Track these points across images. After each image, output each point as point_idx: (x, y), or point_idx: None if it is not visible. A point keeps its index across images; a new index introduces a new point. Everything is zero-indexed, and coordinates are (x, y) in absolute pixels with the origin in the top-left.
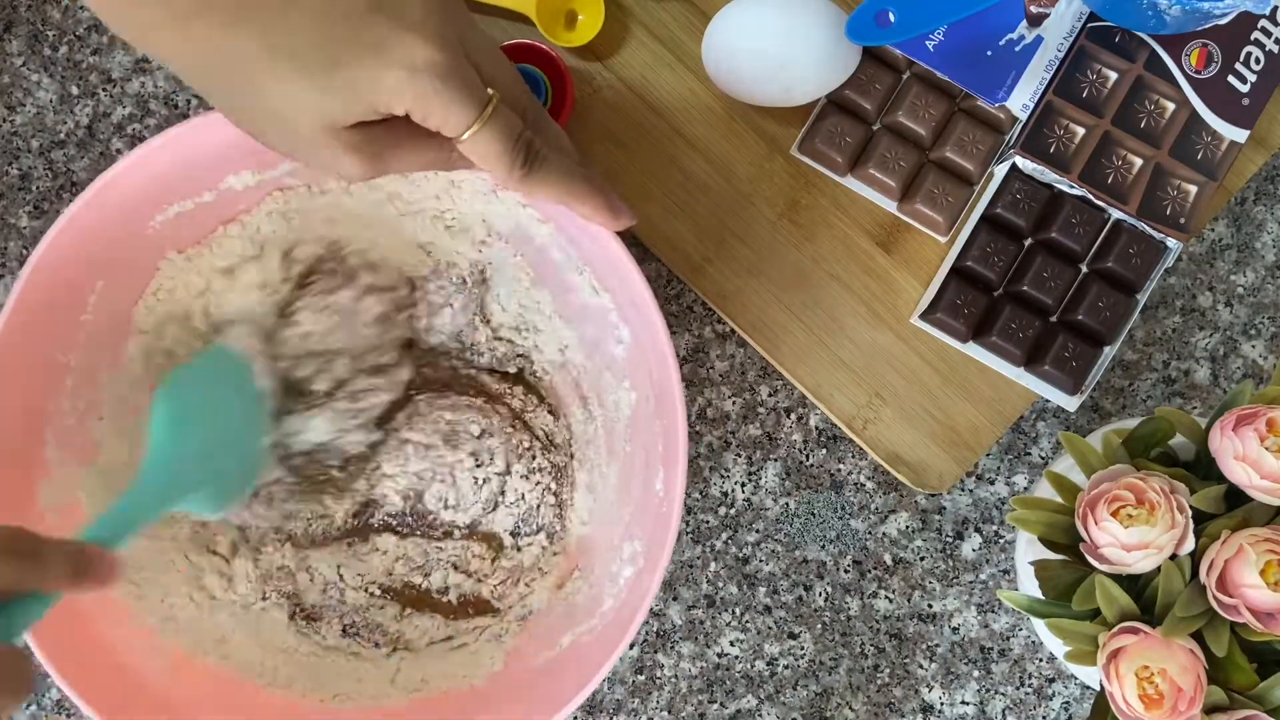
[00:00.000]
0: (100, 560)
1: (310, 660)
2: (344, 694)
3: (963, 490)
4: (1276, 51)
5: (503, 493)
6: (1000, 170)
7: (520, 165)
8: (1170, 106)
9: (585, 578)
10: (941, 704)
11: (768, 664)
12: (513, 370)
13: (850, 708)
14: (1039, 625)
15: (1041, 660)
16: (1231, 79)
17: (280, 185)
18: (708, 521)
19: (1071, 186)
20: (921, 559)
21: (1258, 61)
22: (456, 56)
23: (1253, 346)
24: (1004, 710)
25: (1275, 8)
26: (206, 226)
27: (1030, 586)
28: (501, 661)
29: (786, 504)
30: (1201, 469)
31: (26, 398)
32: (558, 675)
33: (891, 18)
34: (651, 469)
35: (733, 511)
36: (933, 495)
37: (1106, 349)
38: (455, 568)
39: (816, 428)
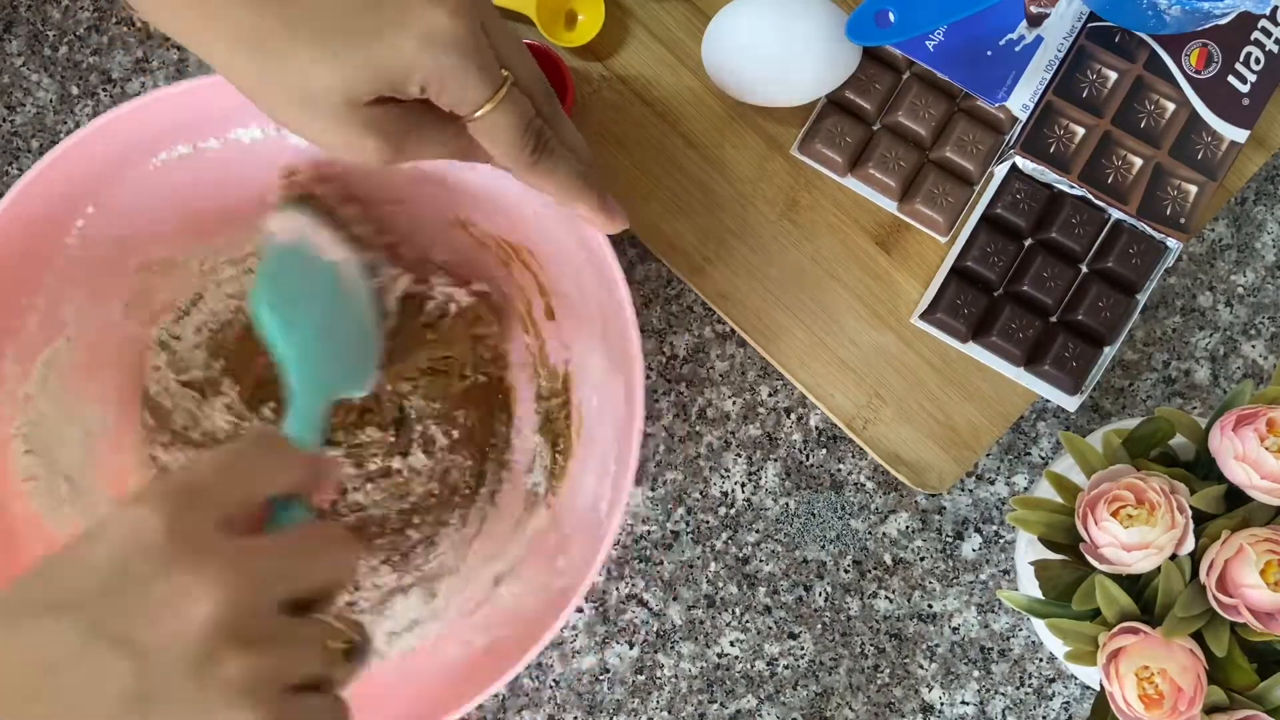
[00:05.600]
0: (326, 463)
1: None
2: None
3: (963, 490)
4: (1276, 51)
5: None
6: (1000, 170)
7: (530, 151)
8: (1170, 106)
9: (518, 582)
10: (941, 704)
11: (768, 664)
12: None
13: (850, 708)
14: (1039, 625)
15: (1041, 660)
16: (1231, 79)
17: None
18: (708, 521)
19: (1071, 186)
20: (921, 559)
21: (1258, 61)
22: (475, 33)
23: (1253, 346)
24: (1004, 710)
25: (1275, 8)
26: (207, 174)
27: (1030, 586)
28: (414, 650)
29: (786, 504)
30: (1201, 469)
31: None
32: (466, 672)
33: (891, 18)
34: (600, 489)
35: (733, 511)
36: (933, 495)
37: (1106, 349)
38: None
39: (816, 428)
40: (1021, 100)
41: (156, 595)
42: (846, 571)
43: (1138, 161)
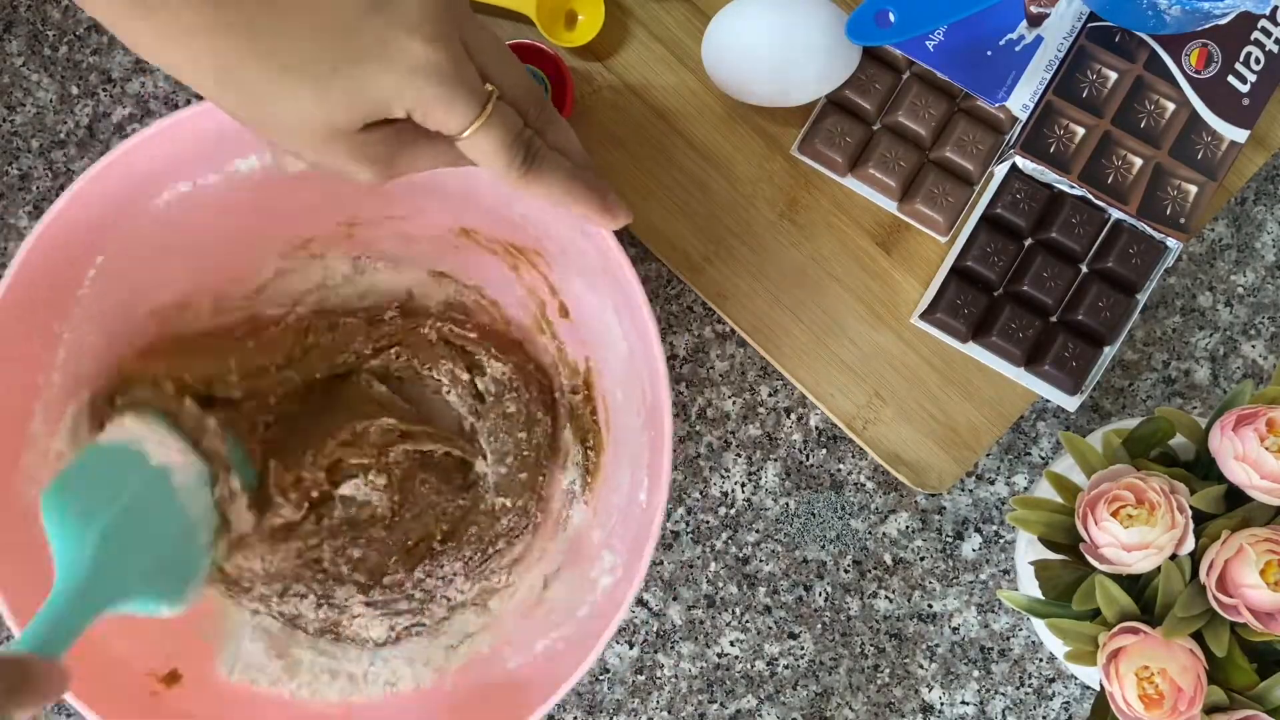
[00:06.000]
0: (42, 673)
1: (289, 649)
2: (318, 686)
3: (963, 490)
4: (1276, 51)
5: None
6: (1000, 170)
7: (519, 164)
8: (1170, 106)
9: (566, 581)
10: (941, 704)
11: (768, 664)
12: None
13: (850, 708)
14: (1039, 625)
15: (1041, 660)
16: (1231, 79)
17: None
18: (708, 521)
19: (1071, 186)
20: (921, 559)
21: (1258, 61)
22: (455, 56)
23: (1253, 346)
24: (1004, 710)
25: (1275, 8)
26: (209, 210)
27: (1030, 586)
28: (473, 661)
29: (786, 504)
30: (1201, 469)
31: (20, 368)
32: (528, 679)
33: (891, 18)
34: (636, 479)
35: (733, 511)
36: (933, 495)
37: (1106, 349)
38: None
39: (816, 428)
40: (1021, 100)
41: None
42: (846, 571)
43: (1138, 161)
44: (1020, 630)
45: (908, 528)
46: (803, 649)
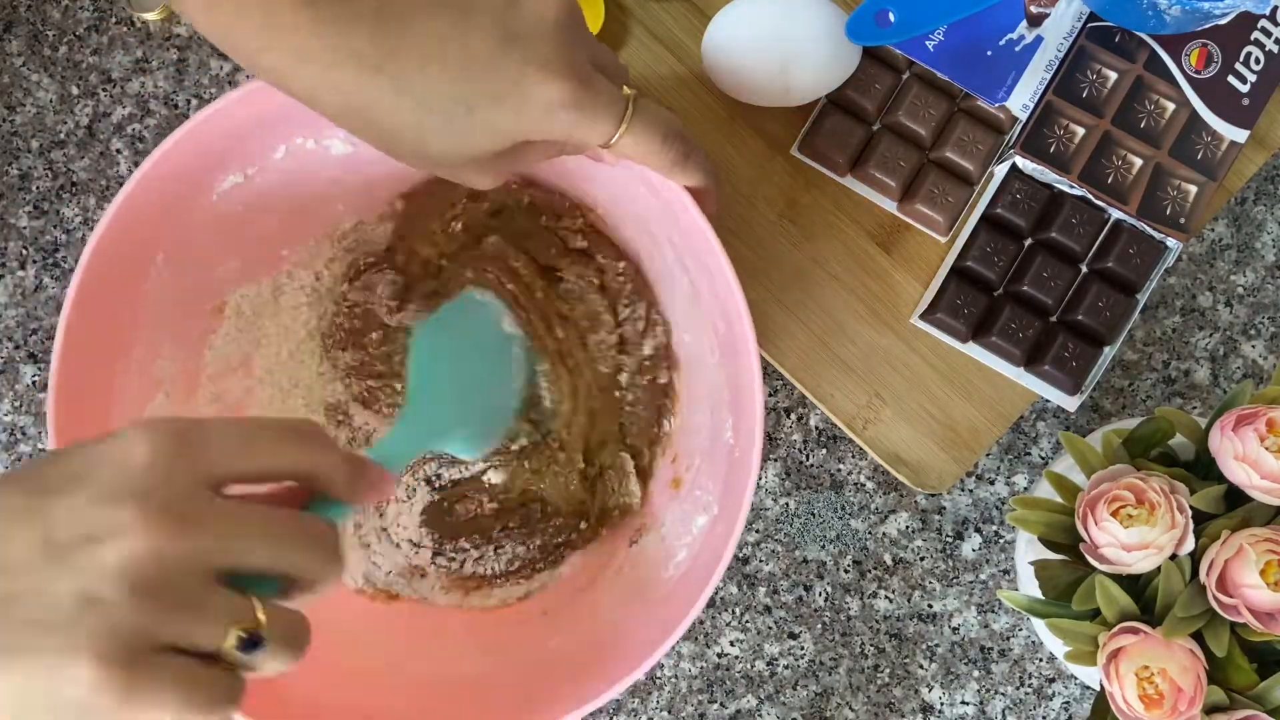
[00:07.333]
0: (376, 472)
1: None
2: (420, 655)
3: (963, 490)
4: (1276, 51)
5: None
6: (1000, 170)
7: (674, 159)
8: (1170, 106)
9: (655, 531)
10: (941, 704)
11: (768, 664)
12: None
13: (850, 708)
14: (1039, 625)
15: (1041, 660)
16: (1231, 79)
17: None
18: None
19: (1071, 186)
20: (921, 559)
21: (1258, 61)
22: (588, 81)
23: (1253, 346)
24: (1004, 710)
25: (1275, 8)
26: (259, 200)
27: (1030, 586)
28: (597, 617)
29: (786, 504)
30: (1201, 469)
31: (98, 374)
32: (624, 644)
33: (891, 18)
34: (718, 418)
35: None
36: (933, 495)
37: (1106, 349)
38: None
39: (816, 428)
40: (1021, 100)
41: (89, 518)
42: (846, 571)
43: (1138, 161)
44: (1020, 630)
45: (908, 528)
46: (803, 649)
